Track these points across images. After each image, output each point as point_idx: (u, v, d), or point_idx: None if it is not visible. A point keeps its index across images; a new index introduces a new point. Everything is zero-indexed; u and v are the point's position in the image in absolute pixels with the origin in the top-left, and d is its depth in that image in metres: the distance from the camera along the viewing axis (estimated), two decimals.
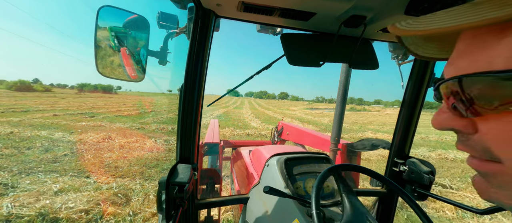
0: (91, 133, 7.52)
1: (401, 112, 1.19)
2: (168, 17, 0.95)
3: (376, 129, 15.22)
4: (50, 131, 7.61)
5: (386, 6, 0.69)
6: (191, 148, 0.93)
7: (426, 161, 1.15)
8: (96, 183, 3.65)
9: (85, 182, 3.68)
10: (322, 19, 0.81)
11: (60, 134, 7.28)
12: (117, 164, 4.63)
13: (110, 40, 0.79)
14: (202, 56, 0.85)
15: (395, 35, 0.27)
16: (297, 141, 2.78)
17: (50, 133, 7.29)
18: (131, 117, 13.32)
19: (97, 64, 0.77)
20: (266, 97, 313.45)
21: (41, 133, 7.23)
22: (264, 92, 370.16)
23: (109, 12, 0.76)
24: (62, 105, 18.55)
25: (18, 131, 7.38)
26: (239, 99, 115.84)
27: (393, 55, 1.23)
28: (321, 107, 74.66)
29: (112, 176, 4.00)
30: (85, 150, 5.57)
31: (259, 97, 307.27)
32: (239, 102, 62.87)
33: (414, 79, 1.13)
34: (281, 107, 44.96)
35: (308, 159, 1.24)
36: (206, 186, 1.73)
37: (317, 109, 50.88)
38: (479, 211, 0.91)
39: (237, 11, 0.79)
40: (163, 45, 0.95)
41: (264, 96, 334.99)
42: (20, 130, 7.59)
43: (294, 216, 0.93)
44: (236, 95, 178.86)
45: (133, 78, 0.87)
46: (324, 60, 0.90)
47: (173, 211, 0.80)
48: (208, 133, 2.68)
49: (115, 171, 4.26)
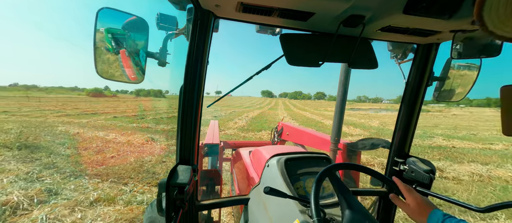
0: (138, 134, 7.94)
1: (401, 111, 1.20)
2: (167, 18, 0.93)
3: (448, 134, 11.99)
4: (106, 132, 8.39)
5: (384, 5, 0.69)
6: (191, 149, 0.93)
7: (426, 160, 1.15)
8: (131, 192, 3.43)
9: (122, 190, 3.54)
10: (321, 19, 0.81)
11: (113, 135, 7.91)
12: (155, 169, 4.48)
13: (109, 42, 0.77)
14: (201, 57, 0.85)
15: (476, 13, 0.25)
16: (297, 141, 2.72)
17: (106, 134, 8.00)
18: (174, 118, 14.11)
19: (96, 66, 0.75)
20: (301, 97, 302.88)
21: (99, 134, 8.01)
22: (298, 93, 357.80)
23: (108, 14, 0.75)
24: (121, 109, 21.34)
25: (82, 132, 8.37)
26: (273, 100, 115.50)
27: (392, 54, 1.21)
28: (364, 107, 67.93)
29: (148, 184, 3.82)
30: (130, 152, 5.72)
31: (293, 98, 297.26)
32: (273, 103, 62.08)
33: (413, 78, 1.13)
34: (318, 108, 42.51)
35: (308, 159, 1.22)
36: (206, 187, 1.73)
37: (359, 110, 46.33)
38: (479, 209, 0.90)
39: (236, 12, 0.79)
40: (163, 46, 0.92)
41: (299, 96, 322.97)
42: (85, 131, 8.61)
43: (295, 217, 0.91)
44: (269, 97, 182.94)
45: (133, 80, 0.85)
46: (323, 60, 0.90)
47: (173, 213, 0.80)
48: (208, 133, 2.64)
49: (152, 177, 4.06)
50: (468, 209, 0.93)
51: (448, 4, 0.64)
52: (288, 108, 35.84)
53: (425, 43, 1.04)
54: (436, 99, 1.18)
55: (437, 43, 1.03)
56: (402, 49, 1.17)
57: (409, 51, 1.17)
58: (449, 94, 1.13)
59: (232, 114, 19.54)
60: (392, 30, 0.87)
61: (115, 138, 7.42)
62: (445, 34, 0.90)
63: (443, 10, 0.66)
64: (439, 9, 0.65)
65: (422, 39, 0.98)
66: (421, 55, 1.08)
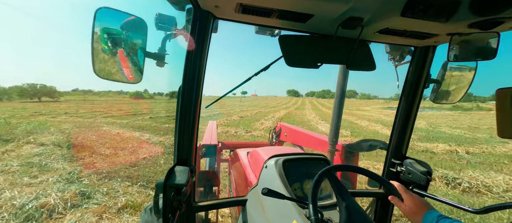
0: (170, 135, 8.18)
1: (398, 113, 1.21)
2: (166, 18, 0.93)
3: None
4: (142, 133, 8.87)
5: (383, 8, 0.70)
6: (189, 150, 0.93)
7: (422, 161, 1.15)
8: None
9: (149, 195, 3.41)
10: (320, 20, 0.82)
11: (148, 135, 8.29)
12: None
13: (107, 42, 0.76)
14: (200, 58, 0.86)
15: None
16: (295, 142, 2.74)
17: (141, 134, 8.45)
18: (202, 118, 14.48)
19: (94, 65, 0.75)
20: (330, 96, 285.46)
21: (135, 134, 8.50)
22: (327, 92, 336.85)
23: (107, 14, 0.75)
24: (156, 110, 23.01)
25: (122, 132, 9.01)
26: (299, 99, 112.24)
27: (390, 56, 1.23)
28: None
29: None
30: (160, 154, 5.79)
31: (321, 97, 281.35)
32: (299, 102, 60.20)
33: (410, 80, 1.15)
34: (349, 107, 39.24)
35: (306, 160, 1.22)
36: (204, 188, 1.78)
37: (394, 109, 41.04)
38: (474, 211, 0.92)
39: (235, 13, 0.79)
40: (161, 46, 0.91)
41: (327, 95, 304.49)
42: (124, 131, 9.27)
43: (293, 218, 0.92)
44: (295, 96, 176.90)
45: (131, 80, 0.85)
46: (322, 61, 0.91)
47: (170, 214, 0.79)
48: (206, 134, 2.65)
49: None
50: (464, 210, 0.94)
51: (445, 8, 0.66)
52: (316, 107, 34.11)
53: (422, 45, 1.06)
54: (433, 101, 1.20)
55: (434, 46, 1.05)
56: (399, 51, 1.18)
57: (407, 54, 1.18)
58: (445, 96, 1.15)
59: (258, 114, 19.25)
60: (390, 33, 0.88)
61: (149, 139, 7.76)
62: (442, 37, 0.92)
63: (440, 13, 0.68)
64: (436, 12, 0.67)
65: (420, 42, 1.00)
66: (418, 58, 1.10)
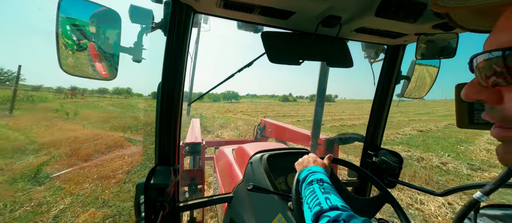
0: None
1: (373, 107, 1.28)
2: (141, 11, 0.86)
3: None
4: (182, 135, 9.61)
5: (358, 7, 0.74)
6: (171, 149, 0.91)
7: (395, 152, 1.22)
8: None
9: None
10: (301, 18, 0.83)
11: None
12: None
13: (74, 35, 0.70)
14: (180, 53, 0.83)
15: (443, 12, 0.28)
16: (279, 138, 2.77)
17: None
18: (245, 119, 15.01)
19: (60, 62, 0.68)
20: (292, 99, 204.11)
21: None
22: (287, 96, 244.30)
23: (73, 3, 0.67)
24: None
25: None
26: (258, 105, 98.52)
27: (366, 54, 1.27)
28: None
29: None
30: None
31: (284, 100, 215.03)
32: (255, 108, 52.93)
33: (384, 77, 1.21)
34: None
35: (290, 155, 1.25)
36: (188, 187, 1.72)
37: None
38: (437, 193, 1.00)
39: (216, 8, 0.78)
40: (137, 41, 0.86)
41: (290, 97, 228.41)
42: None
43: (278, 211, 0.94)
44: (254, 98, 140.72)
45: (104, 76, 0.79)
46: (303, 58, 0.93)
47: (152, 216, 0.77)
48: (189, 132, 2.63)
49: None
50: (429, 193, 1.04)
51: (413, 9, 0.72)
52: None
53: (394, 44, 1.13)
54: (403, 96, 1.26)
55: (404, 44, 1.13)
56: (374, 49, 1.23)
57: (381, 52, 1.23)
58: (413, 92, 1.23)
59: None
60: (365, 32, 0.93)
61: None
62: (410, 37, 0.99)
63: (409, 14, 0.73)
64: (405, 13, 0.72)
65: (391, 41, 1.07)
66: (390, 56, 1.17)
